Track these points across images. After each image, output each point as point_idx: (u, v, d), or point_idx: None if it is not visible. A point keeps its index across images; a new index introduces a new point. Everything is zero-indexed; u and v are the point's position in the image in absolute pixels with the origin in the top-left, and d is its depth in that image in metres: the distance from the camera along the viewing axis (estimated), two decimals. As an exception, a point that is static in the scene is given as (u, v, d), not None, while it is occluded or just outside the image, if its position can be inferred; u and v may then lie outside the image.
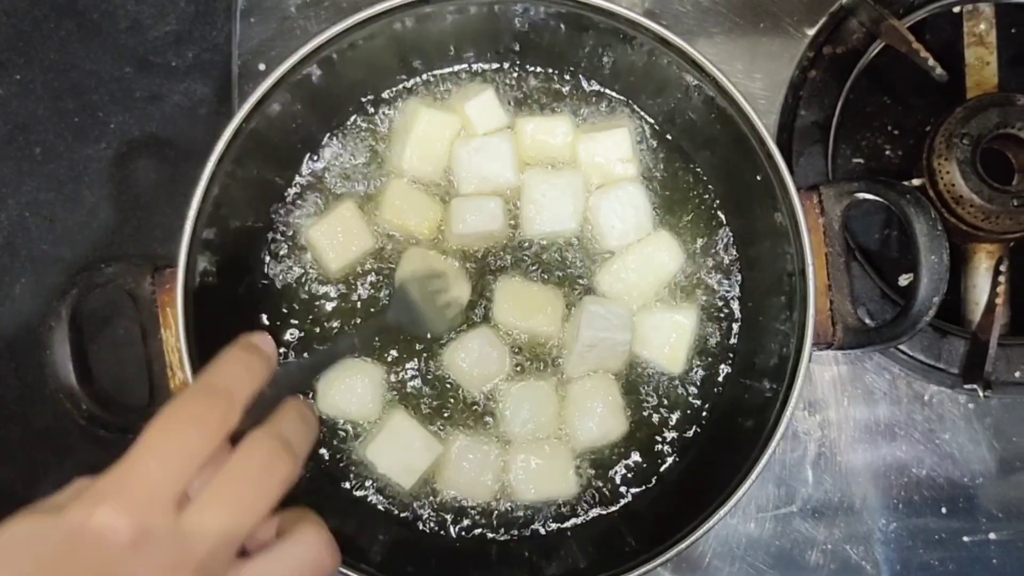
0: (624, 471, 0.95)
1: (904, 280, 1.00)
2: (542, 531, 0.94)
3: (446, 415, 0.95)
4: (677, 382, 0.96)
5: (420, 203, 0.96)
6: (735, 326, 0.97)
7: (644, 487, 0.95)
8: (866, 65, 1.04)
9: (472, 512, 0.94)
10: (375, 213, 0.96)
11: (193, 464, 0.56)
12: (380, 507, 0.94)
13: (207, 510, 0.56)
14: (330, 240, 0.94)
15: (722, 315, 0.97)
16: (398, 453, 0.91)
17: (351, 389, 0.93)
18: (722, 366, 0.96)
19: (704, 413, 0.96)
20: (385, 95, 0.99)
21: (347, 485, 0.94)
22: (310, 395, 0.94)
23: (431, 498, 0.94)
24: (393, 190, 0.96)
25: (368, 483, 0.94)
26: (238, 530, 0.57)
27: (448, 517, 0.94)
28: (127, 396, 0.86)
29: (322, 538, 0.62)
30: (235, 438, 0.60)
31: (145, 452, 0.55)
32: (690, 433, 0.96)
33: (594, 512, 0.94)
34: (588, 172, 0.97)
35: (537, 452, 0.93)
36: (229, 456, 0.57)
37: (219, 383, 0.60)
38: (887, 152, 1.06)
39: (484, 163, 0.96)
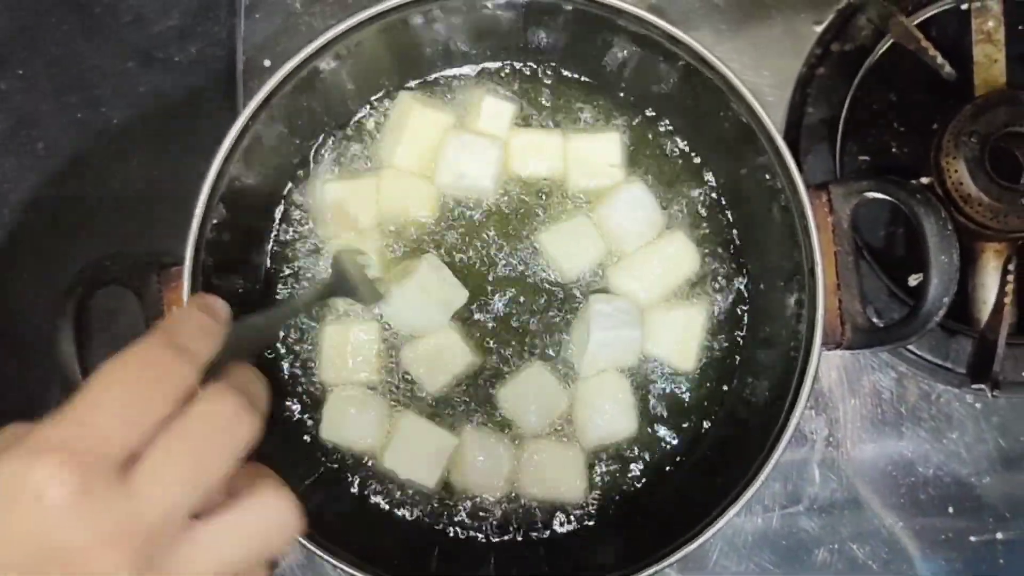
0: (633, 469, 0.95)
1: (914, 280, 1.00)
2: (550, 530, 0.94)
3: (450, 412, 0.95)
4: (686, 380, 0.96)
5: (415, 187, 0.96)
6: (744, 325, 0.97)
7: (652, 486, 0.95)
8: (874, 62, 1.04)
9: (482, 511, 0.94)
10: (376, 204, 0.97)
11: (147, 423, 0.49)
12: (407, 516, 0.95)
13: (159, 470, 0.49)
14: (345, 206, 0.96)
15: (731, 313, 0.97)
16: (415, 454, 0.92)
17: (357, 420, 0.93)
18: (730, 367, 0.96)
19: (713, 412, 0.96)
20: (391, 91, 0.99)
21: (375, 500, 0.95)
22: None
23: (453, 499, 0.95)
24: (386, 179, 0.96)
25: (396, 493, 0.95)
26: (192, 492, 0.50)
27: (466, 519, 0.94)
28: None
29: (283, 497, 0.54)
30: None
31: (96, 401, 0.50)
32: (699, 432, 0.95)
33: (603, 511, 0.94)
34: (574, 173, 0.97)
35: (548, 449, 0.93)
36: (186, 408, 0.51)
37: (179, 339, 0.54)
38: (894, 149, 1.05)
39: (468, 160, 0.95)
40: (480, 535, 0.94)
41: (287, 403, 0.96)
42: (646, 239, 0.96)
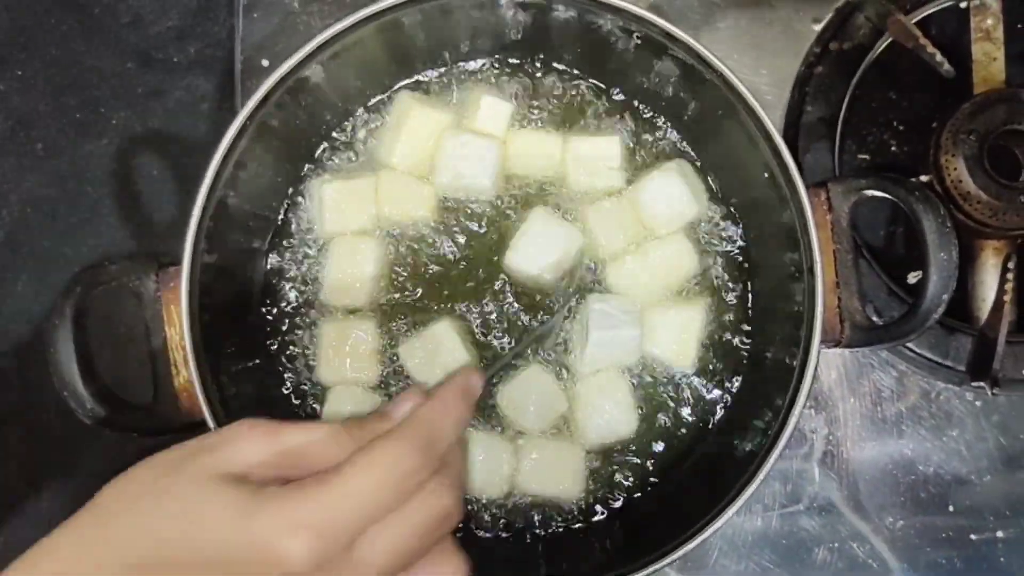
0: (633, 469, 0.95)
1: (913, 278, 1.00)
2: (549, 529, 0.94)
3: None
4: (684, 379, 0.95)
5: (413, 187, 0.96)
6: (742, 323, 0.96)
7: (652, 485, 0.94)
8: (873, 61, 1.04)
9: (483, 511, 0.94)
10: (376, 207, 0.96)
11: (382, 513, 0.57)
12: None
13: (381, 546, 0.57)
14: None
15: (729, 312, 0.97)
16: None
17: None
18: (729, 364, 0.96)
19: (711, 411, 0.96)
20: (389, 91, 0.99)
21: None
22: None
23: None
24: (384, 180, 0.96)
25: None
26: (400, 567, 0.59)
27: (465, 518, 0.93)
28: (130, 394, 0.85)
29: (458, 562, 0.63)
30: None
31: (347, 491, 0.56)
32: (697, 431, 0.95)
33: (602, 510, 0.94)
34: (573, 175, 0.96)
35: (548, 449, 0.93)
36: (412, 498, 0.59)
37: (434, 438, 0.61)
38: (893, 148, 1.05)
39: (465, 160, 0.95)
40: (478, 534, 0.94)
41: (288, 402, 0.96)
42: (676, 225, 0.96)
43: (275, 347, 0.96)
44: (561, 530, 0.94)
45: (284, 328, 0.96)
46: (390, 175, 0.96)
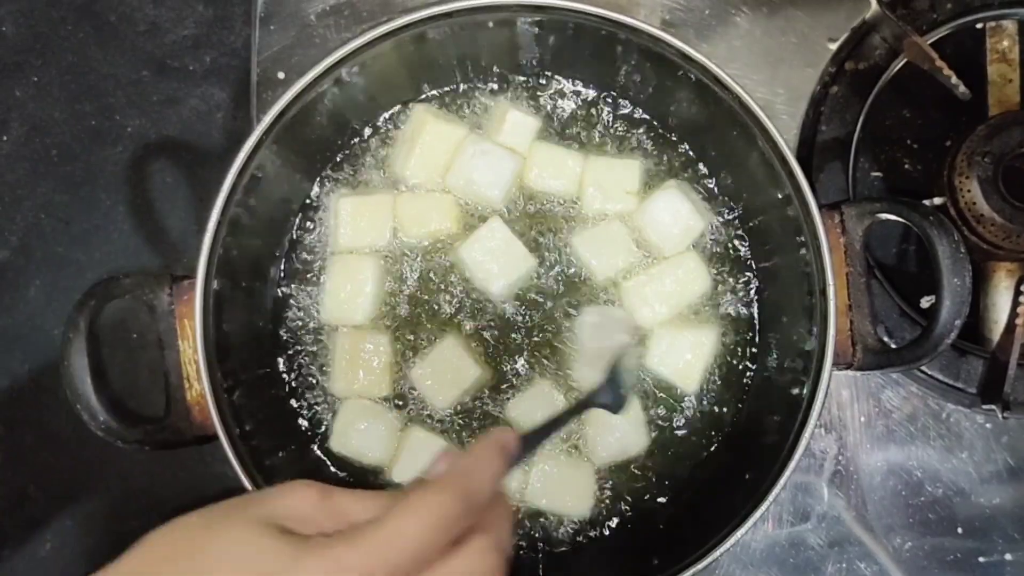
0: (640, 487, 0.95)
1: (926, 302, 0.99)
2: (556, 545, 0.94)
3: (459, 426, 0.95)
4: (696, 400, 0.96)
5: (432, 201, 0.97)
6: (754, 345, 0.96)
7: (661, 503, 0.95)
8: (888, 81, 1.04)
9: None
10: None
11: (420, 561, 0.56)
12: None
13: None
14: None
15: (741, 334, 0.97)
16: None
17: (367, 433, 0.94)
18: (741, 385, 0.96)
19: (722, 432, 0.96)
20: (405, 105, 0.99)
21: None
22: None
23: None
24: (402, 196, 0.97)
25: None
26: None
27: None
28: (142, 406, 0.86)
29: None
30: None
31: (388, 539, 0.56)
32: (708, 451, 0.95)
33: (610, 528, 0.94)
34: (589, 195, 0.97)
35: (558, 465, 0.93)
36: (454, 555, 0.58)
37: (472, 489, 0.60)
38: (907, 167, 1.05)
39: (480, 168, 0.95)
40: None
41: (299, 415, 0.96)
42: (685, 243, 0.96)
43: (287, 360, 0.96)
44: (569, 546, 0.94)
45: (296, 341, 0.96)
46: (408, 194, 0.97)
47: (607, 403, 0.80)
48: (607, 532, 0.94)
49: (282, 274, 0.97)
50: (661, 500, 0.95)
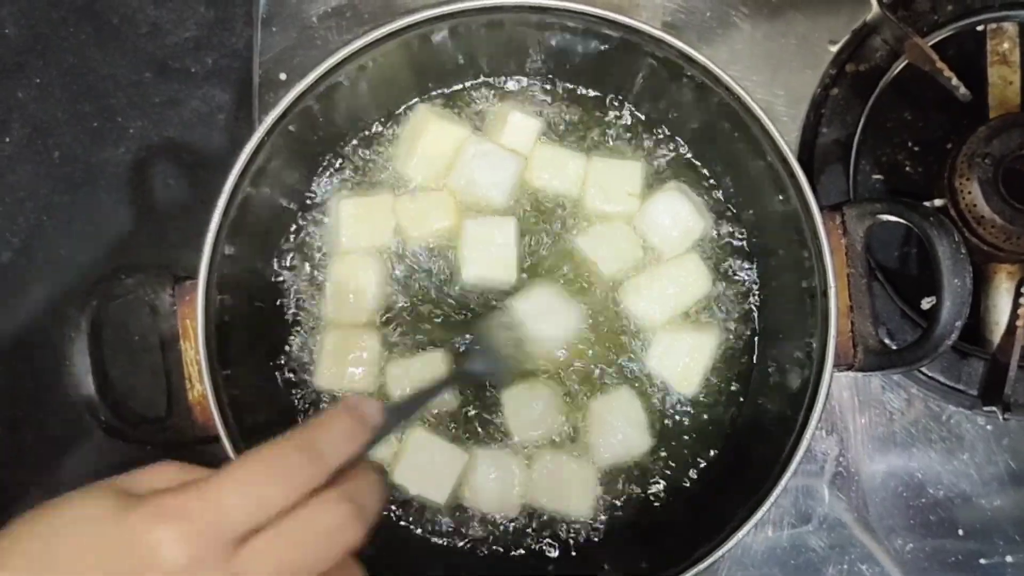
0: (644, 488, 0.95)
1: (926, 303, 1.00)
2: (559, 546, 0.94)
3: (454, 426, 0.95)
4: (696, 402, 0.96)
5: (432, 200, 0.96)
6: (755, 347, 0.97)
7: (662, 504, 0.95)
8: (889, 83, 1.04)
9: (492, 527, 0.94)
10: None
11: (265, 512, 0.55)
12: (417, 531, 0.95)
13: (263, 556, 0.55)
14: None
15: (742, 335, 0.97)
16: (425, 470, 0.91)
17: None
18: (742, 387, 0.96)
19: (723, 433, 0.96)
20: (407, 105, 1.00)
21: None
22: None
23: (462, 515, 0.94)
24: (403, 197, 0.97)
25: (401, 509, 0.95)
26: None
27: (475, 533, 0.94)
28: (143, 406, 0.86)
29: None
30: None
31: (223, 485, 0.55)
32: (709, 453, 0.95)
33: (613, 529, 0.94)
34: (590, 196, 0.97)
35: (560, 465, 0.93)
36: (300, 508, 0.56)
37: (317, 444, 0.58)
38: (907, 168, 1.05)
39: (483, 169, 0.95)
40: (487, 550, 0.94)
41: (301, 416, 0.96)
42: (686, 243, 0.96)
43: (287, 360, 0.96)
44: (571, 548, 0.94)
45: (297, 340, 0.96)
46: (410, 192, 0.97)
47: (480, 371, 0.83)
48: (609, 533, 0.94)
49: (283, 275, 0.97)
50: (662, 501, 0.95)
